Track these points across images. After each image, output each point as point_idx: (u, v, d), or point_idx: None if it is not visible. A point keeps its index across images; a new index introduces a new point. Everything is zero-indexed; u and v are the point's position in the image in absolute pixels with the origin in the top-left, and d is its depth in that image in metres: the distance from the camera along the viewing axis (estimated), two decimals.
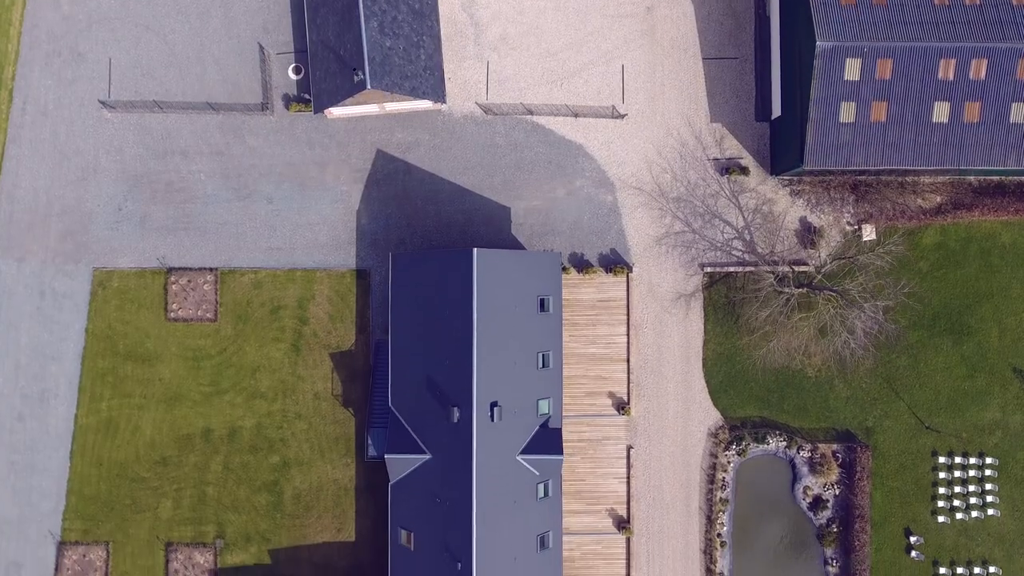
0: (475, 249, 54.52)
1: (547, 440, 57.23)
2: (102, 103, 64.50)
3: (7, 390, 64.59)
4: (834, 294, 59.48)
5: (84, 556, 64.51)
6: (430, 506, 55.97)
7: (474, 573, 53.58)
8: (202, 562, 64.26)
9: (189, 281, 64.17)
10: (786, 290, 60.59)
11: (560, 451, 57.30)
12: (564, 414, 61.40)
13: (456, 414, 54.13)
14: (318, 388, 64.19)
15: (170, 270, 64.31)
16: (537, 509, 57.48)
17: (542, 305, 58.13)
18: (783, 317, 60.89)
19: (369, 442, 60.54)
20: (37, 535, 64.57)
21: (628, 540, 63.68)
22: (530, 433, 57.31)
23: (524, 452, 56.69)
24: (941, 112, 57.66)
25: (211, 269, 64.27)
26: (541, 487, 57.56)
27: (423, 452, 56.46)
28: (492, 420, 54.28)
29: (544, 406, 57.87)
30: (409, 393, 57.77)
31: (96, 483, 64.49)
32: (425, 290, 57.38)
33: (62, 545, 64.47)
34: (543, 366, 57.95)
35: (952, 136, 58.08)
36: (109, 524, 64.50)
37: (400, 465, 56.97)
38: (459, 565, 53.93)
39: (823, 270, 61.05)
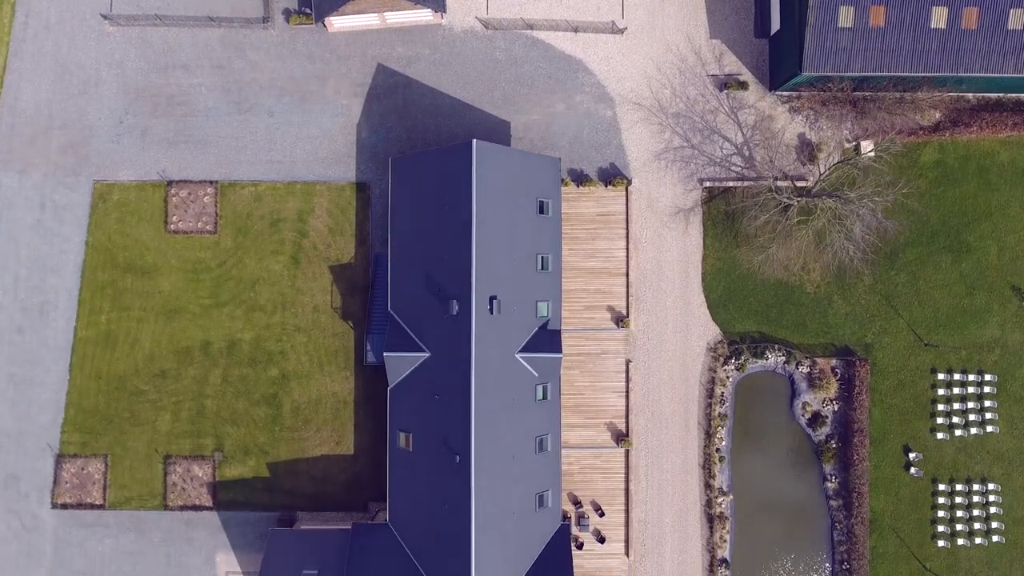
0: (474, 140, 54.61)
1: (546, 340, 57.20)
2: (104, 17, 64.68)
3: (6, 303, 64.64)
4: (833, 199, 59.53)
5: (83, 469, 64.43)
6: (429, 405, 55.92)
7: (472, 467, 53.42)
8: (200, 475, 64.19)
9: (189, 194, 64.28)
10: (785, 200, 60.66)
11: (559, 350, 57.26)
12: (563, 328, 61.43)
13: (455, 306, 54.11)
14: (317, 301, 64.23)
15: (170, 183, 64.40)
16: (536, 411, 57.43)
17: (541, 208, 58.19)
18: (782, 228, 60.94)
19: (368, 348, 60.53)
20: (35, 448, 64.53)
21: (627, 454, 63.63)
22: (529, 333, 57.29)
23: (523, 351, 56.66)
24: (939, 18, 57.87)
25: (211, 182, 64.37)
26: (540, 389, 57.52)
27: (422, 350, 56.45)
28: (491, 313, 54.23)
29: (543, 308, 57.88)
30: (408, 294, 57.82)
31: (95, 396, 64.48)
32: (425, 190, 57.45)
33: (60, 458, 64.41)
34: (542, 268, 57.98)
35: (950, 42, 58.28)
36: (108, 437, 64.47)
37: (399, 365, 56.92)
38: (458, 458, 53.83)
39: (823, 176, 61.14)
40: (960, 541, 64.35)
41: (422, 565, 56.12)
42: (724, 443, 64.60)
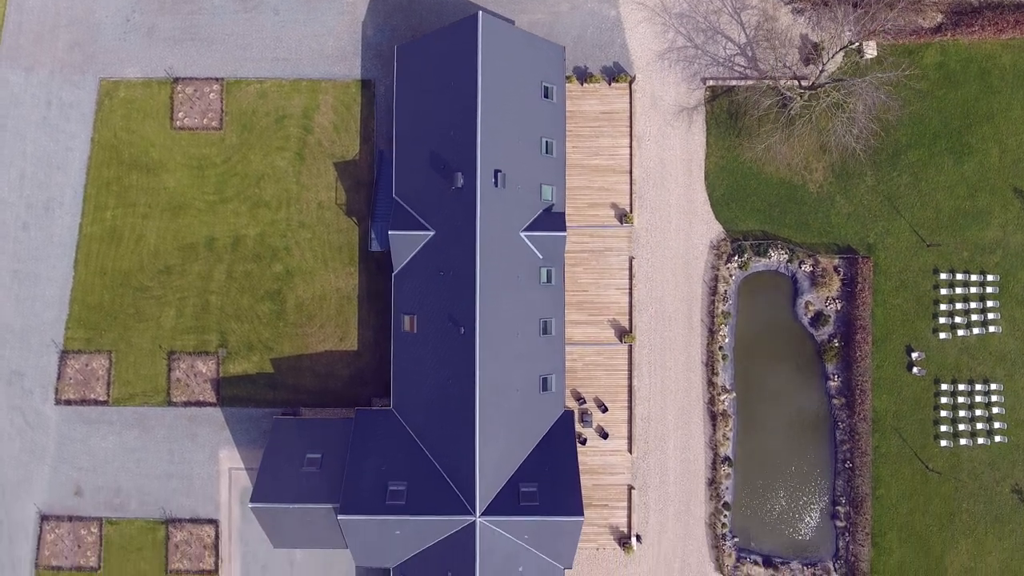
0: (480, 12, 54.90)
1: (550, 221, 57.40)
2: None
3: (12, 199, 64.88)
4: (835, 85, 59.73)
5: (87, 365, 64.53)
6: (433, 284, 56.06)
7: (477, 337, 53.55)
8: (204, 371, 64.28)
9: (195, 91, 64.58)
10: (788, 93, 60.94)
11: (563, 228, 57.42)
12: (567, 225, 61.51)
13: (460, 179, 54.31)
14: (322, 197, 64.45)
15: (176, 80, 64.72)
16: (540, 294, 57.59)
17: (546, 93, 58.46)
18: (784, 120, 61.20)
19: (373, 236, 60.73)
20: (40, 344, 64.67)
21: (630, 350, 63.73)
22: (533, 214, 57.49)
23: (527, 229, 56.85)
24: None
25: (217, 79, 64.69)
26: (544, 272, 57.68)
27: (427, 229, 56.62)
28: (496, 186, 54.46)
29: (547, 192, 58.11)
30: (413, 177, 58.04)
31: (99, 292, 64.64)
32: (431, 72, 57.70)
33: (64, 354, 64.52)
34: (547, 152, 58.20)
35: None
36: (112, 333, 64.60)
37: (403, 246, 57.05)
38: (462, 330, 53.93)
39: (825, 65, 61.37)
40: (963, 441, 64.40)
41: (426, 446, 56.20)
42: (727, 341, 64.72)
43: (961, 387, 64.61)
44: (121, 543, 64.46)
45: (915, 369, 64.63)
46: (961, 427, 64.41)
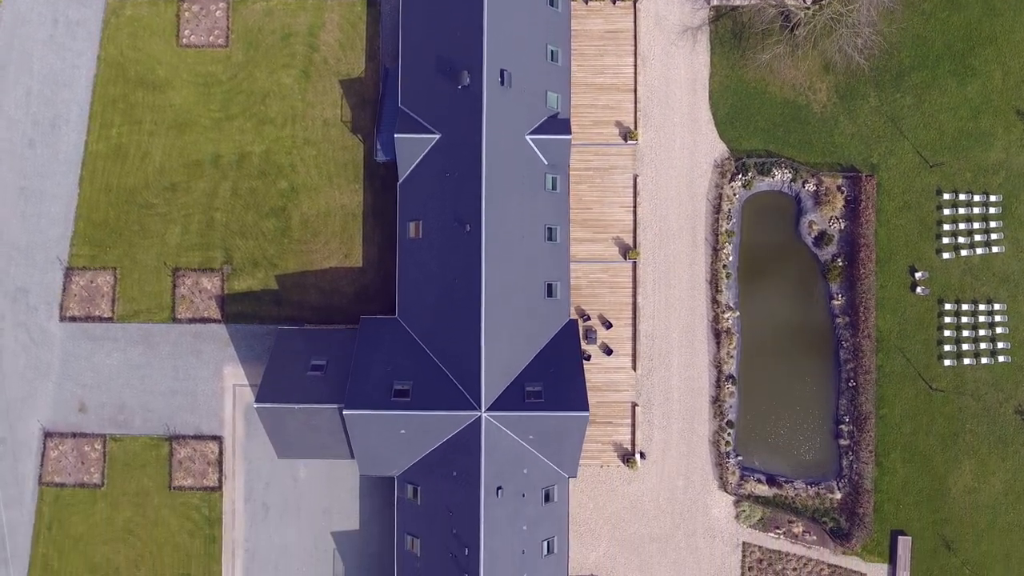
0: None
1: (556, 125, 57.59)
2: None
3: (19, 116, 65.07)
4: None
5: (91, 282, 64.64)
6: (439, 188, 56.23)
7: (483, 234, 53.69)
8: (209, 287, 64.39)
9: (201, 8, 64.83)
10: (792, 5, 61.19)
11: (568, 132, 57.61)
12: (572, 143, 61.65)
13: (466, 77, 54.53)
14: (327, 115, 64.63)
15: None
16: (545, 200, 57.78)
17: (551, 1, 58.71)
18: (788, 36, 61.44)
19: (378, 146, 60.94)
20: (44, 261, 64.80)
21: (634, 267, 63.89)
22: (539, 119, 57.69)
23: (533, 133, 57.04)
24: None
25: None
26: (550, 179, 57.86)
27: (432, 132, 56.80)
28: (502, 85, 54.68)
29: (552, 100, 58.33)
30: (419, 84, 58.24)
31: (105, 209, 64.80)
32: None
33: (69, 271, 64.66)
34: (552, 60, 58.43)
35: None
36: (117, 250, 64.74)
37: (409, 150, 57.19)
38: (468, 227, 54.08)
39: None
40: (966, 361, 64.50)
41: (432, 350, 56.23)
42: (731, 259, 64.84)
43: (965, 307, 64.72)
44: (125, 459, 64.48)
45: (919, 289, 64.76)
46: (965, 347, 64.52)
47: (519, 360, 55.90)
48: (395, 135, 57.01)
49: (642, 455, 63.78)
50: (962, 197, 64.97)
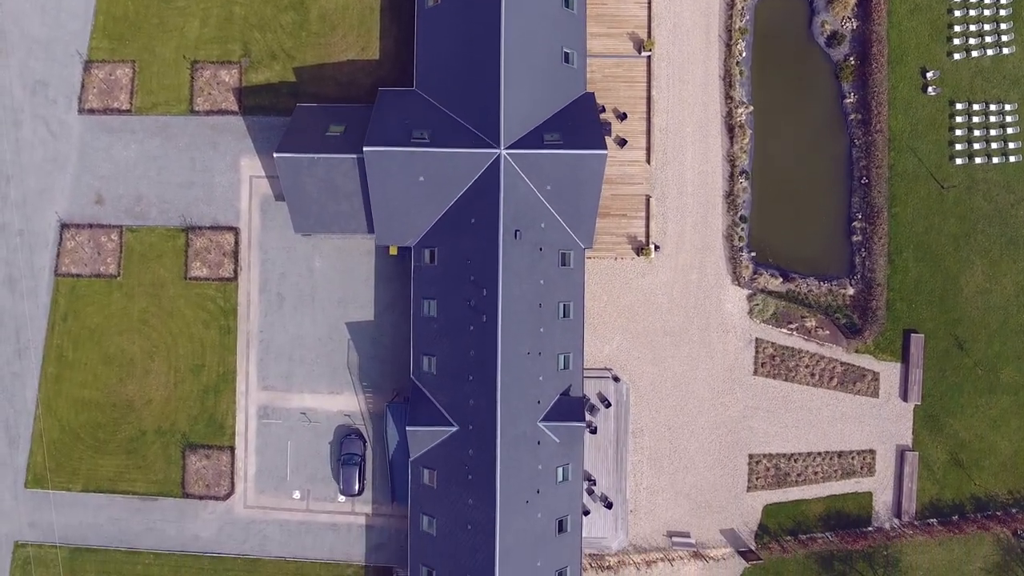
0: None
1: None
2: None
3: None
4: None
5: (110, 74, 65.10)
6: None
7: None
8: (227, 80, 64.84)
9: None
10: None
11: None
12: None
13: None
14: None
15: None
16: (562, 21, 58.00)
17: None
18: None
19: None
20: (64, 55, 65.26)
21: (648, 62, 64.33)
22: None
23: None
24: None
25: None
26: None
27: None
28: None
29: None
30: None
31: (124, 3, 65.33)
32: None
33: (89, 64, 65.11)
34: None
35: None
36: (136, 43, 65.22)
37: None
38: None
39: None
40: (977, 160, 64.96)
41: (451, 110, 56.42)
42: (744, 56, 65.34)
43: (976, 107, 65.23)
44: (141, 250, 64.73)
45: (930, 89, 65.29)
46: (976, 146, 65.00)
47: (537, 115, 56.17)
48: None
49: (656, 247, 64.03)
50: None
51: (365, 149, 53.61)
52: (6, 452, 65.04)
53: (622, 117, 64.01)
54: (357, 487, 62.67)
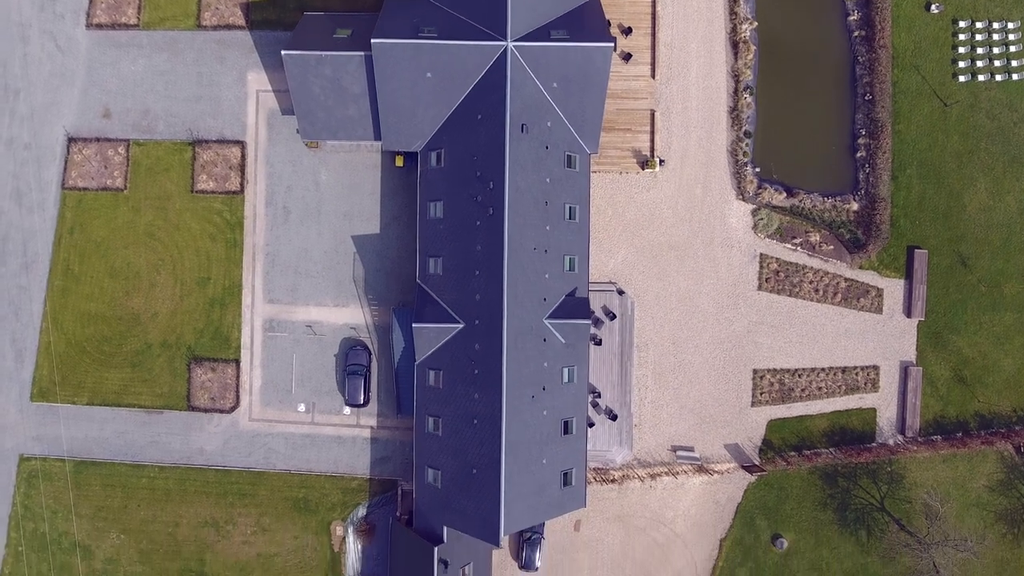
0: None
1: None
2: None
3: None
4: None
5: None
6: None
7: None
8: None
9: None
10: None
11: None
12: None
13: None
14: None
15: None
16: None
17: None
18: None
19: None
20: None
21: None
22: None
23: None
24: None
25: None
26: None
27: None
28: None
29: None
30: None
31: None
32: None
33: None
34: None
35: None
36: None
37: None
38: None
39: None
40: (980, 77, 65.26)
41: (460, 13, 56.54)
42: None
43: (979, 25, 65.54)
44: (148, 164, 64.99)
45: (933, 7, 65.60)
46: (979, 64, 65.30)
47: (544, 15, 56.31)
48: None
49: (661, 162, 64.28)
50: None
51: (373, 41, 53.79)
52: (12, 366, 65.20)
53: (627, 32, 64.32)
54: (362, 397, 62.81)
